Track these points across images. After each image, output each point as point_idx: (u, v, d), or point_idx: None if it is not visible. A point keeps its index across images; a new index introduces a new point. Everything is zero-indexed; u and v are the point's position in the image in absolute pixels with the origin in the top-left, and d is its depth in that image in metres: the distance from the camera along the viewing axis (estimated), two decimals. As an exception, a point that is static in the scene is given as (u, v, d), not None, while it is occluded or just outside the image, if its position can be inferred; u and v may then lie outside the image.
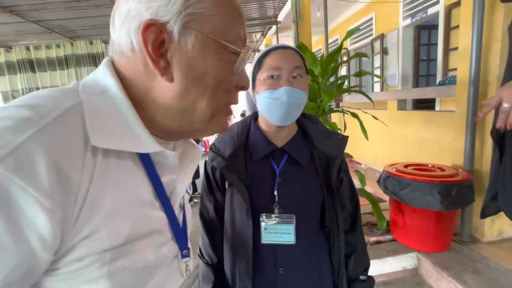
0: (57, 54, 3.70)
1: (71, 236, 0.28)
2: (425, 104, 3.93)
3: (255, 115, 0.74)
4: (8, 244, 0.24)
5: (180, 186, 0.41)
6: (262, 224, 0.64)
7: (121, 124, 0.32)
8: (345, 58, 5.47)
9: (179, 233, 0.42)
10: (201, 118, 0.36)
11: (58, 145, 0.27)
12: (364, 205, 2.26)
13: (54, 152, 0.26)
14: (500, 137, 1.12)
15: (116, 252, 0.31)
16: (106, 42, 3.79)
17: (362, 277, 0.72)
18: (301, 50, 1.57)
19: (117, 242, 0.31)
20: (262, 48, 7.43)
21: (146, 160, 0.36)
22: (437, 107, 3.77)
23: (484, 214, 1.26)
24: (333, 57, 1.53)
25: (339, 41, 6.31)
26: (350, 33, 1.43)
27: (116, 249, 0.31)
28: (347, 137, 0.70)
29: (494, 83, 1.56)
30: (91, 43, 3.76)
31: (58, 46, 3.69)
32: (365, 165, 3.56)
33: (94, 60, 3.78)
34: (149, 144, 0.33)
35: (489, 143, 1.63)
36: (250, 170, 0.67)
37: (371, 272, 0.75)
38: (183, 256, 0.43)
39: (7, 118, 0.26)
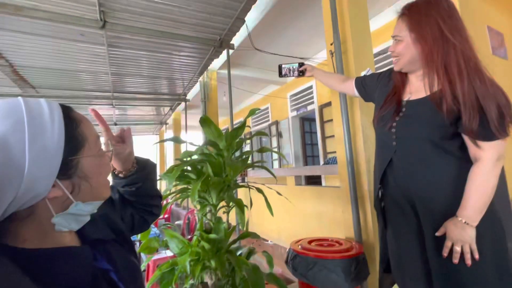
0: None
1: None
2: (314, 180, 4.56)
3: None
4: None
5: None
6: None
7: None
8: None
9: None
10: None
11: None
12: (274, 292, 2.03)
13: None
14: (382, 208, 1.24)
15: None
16: None
17: None
18: (206, 123, 1.52)
19: None
20: (170, 122, 7.36)
21: None
22: (323, 183, 4.40)
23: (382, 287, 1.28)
24: (238, 132, 1.54)
25: (242, 123, 7.12)
26: (251, 112, 1.53)
27: None
28: None
29: (363, 164, 1.91)
30: None
31: None
32: (271, 241, 3.48)
33: None
34: None
35: (370, 214, 1.87)
36: None
37: None
38: None
39: None
